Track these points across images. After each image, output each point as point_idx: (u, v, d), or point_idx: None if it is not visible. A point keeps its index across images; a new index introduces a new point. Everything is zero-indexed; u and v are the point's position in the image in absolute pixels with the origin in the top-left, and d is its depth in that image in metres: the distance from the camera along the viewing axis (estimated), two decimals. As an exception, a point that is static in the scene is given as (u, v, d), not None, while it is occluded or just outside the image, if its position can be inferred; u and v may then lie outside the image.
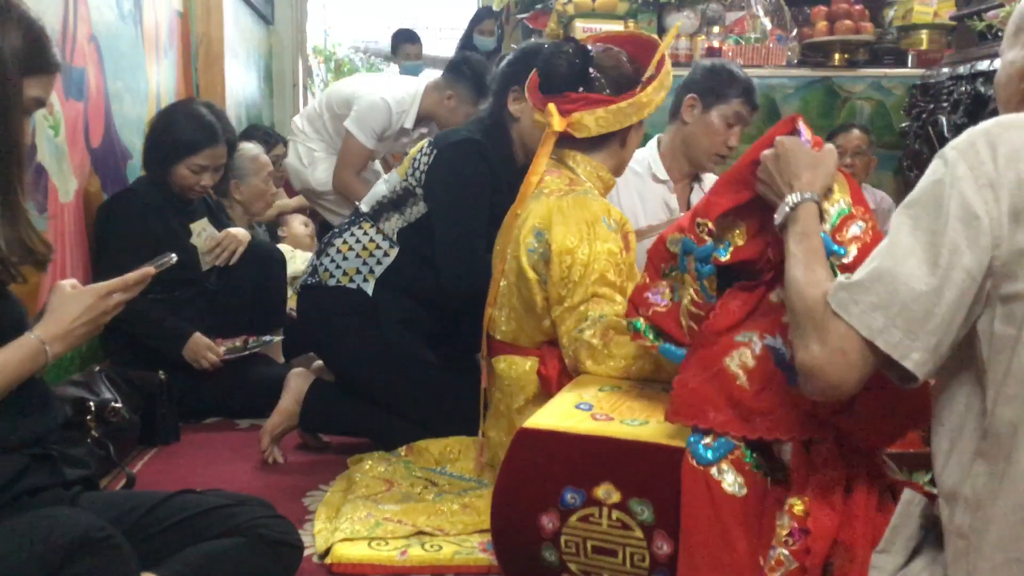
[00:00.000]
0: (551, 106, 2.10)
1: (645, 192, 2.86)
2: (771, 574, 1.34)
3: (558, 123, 2.07)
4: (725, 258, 1.52)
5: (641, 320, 1.65)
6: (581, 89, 2.07)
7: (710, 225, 1.52)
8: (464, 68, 3.75)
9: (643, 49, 2.17)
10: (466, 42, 5.77)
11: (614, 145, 2.14)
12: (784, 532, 1.35)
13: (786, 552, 1.34)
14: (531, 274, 2.02)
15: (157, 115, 2.98)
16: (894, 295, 1.12)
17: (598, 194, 2.09)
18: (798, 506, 1.37)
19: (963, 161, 1.11)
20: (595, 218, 1.97)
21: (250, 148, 3.66)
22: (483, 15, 5.72)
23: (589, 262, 1.94)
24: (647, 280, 1.66)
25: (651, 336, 1.64)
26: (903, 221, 1.15)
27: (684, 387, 1.46)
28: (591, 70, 2.08)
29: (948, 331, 1.11)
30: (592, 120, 2.06)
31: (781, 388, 1.39)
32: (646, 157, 2.88)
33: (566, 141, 2.12)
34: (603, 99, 2.06)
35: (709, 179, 2.92)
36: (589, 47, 2.13)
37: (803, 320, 1.21)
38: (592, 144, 2.12)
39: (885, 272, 1.13)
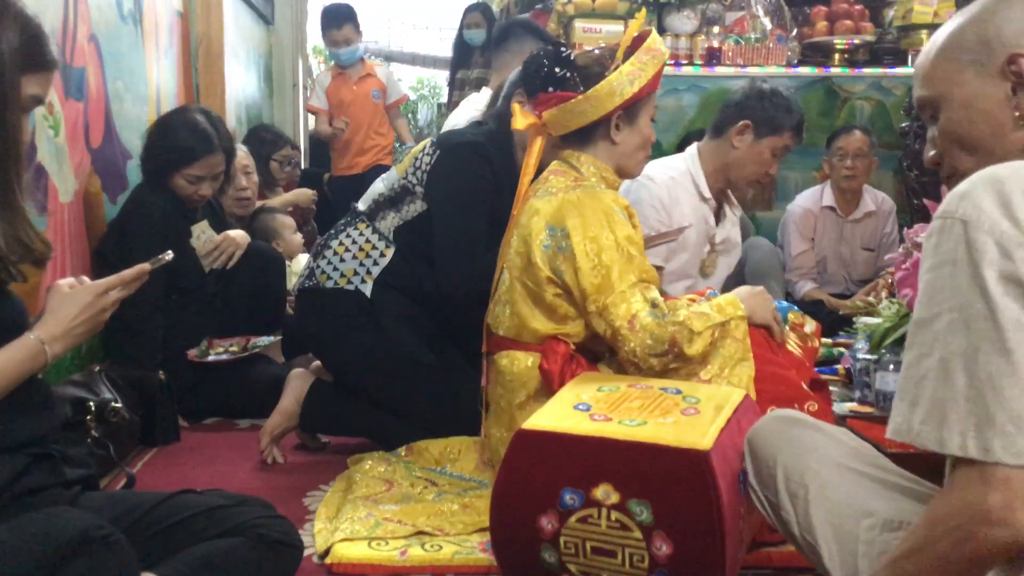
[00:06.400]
0: (515, 106, 2.22)
1: (697, 209, 2.88)
2: None
3: (519, 122, 2.15)
4: None
5: None
6: (551, 89, 2.11)
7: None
8: None
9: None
10: (459, 40, 5.79)
11: (601, 141, 2.15)
12: None
13: None
14: (544, 270, 2.03)
15: (154, 124, 2.96)
16: (990, 403, 0.98)
17: (604, 188, 2.11)
18: None
19: (979, 231, 1.00)
20: (610, 208, 2.02)
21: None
22: (469, 9, 5.72)
23: (618, 247, 1.97)
24: None
25: None
26: (943, 324, 1.01)
27: None
28: (562, 70, 2.10)
29: None
30: (559, 116, 2.10)
31: None
32: (689, 171, 2.86)
33: (565, 143, 2.17)
34: (570, 96, 2.09)
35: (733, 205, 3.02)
36: (564, 48, 2.15)
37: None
38: (581, 142, 2.15)
39: (958, 385, 1.00)
